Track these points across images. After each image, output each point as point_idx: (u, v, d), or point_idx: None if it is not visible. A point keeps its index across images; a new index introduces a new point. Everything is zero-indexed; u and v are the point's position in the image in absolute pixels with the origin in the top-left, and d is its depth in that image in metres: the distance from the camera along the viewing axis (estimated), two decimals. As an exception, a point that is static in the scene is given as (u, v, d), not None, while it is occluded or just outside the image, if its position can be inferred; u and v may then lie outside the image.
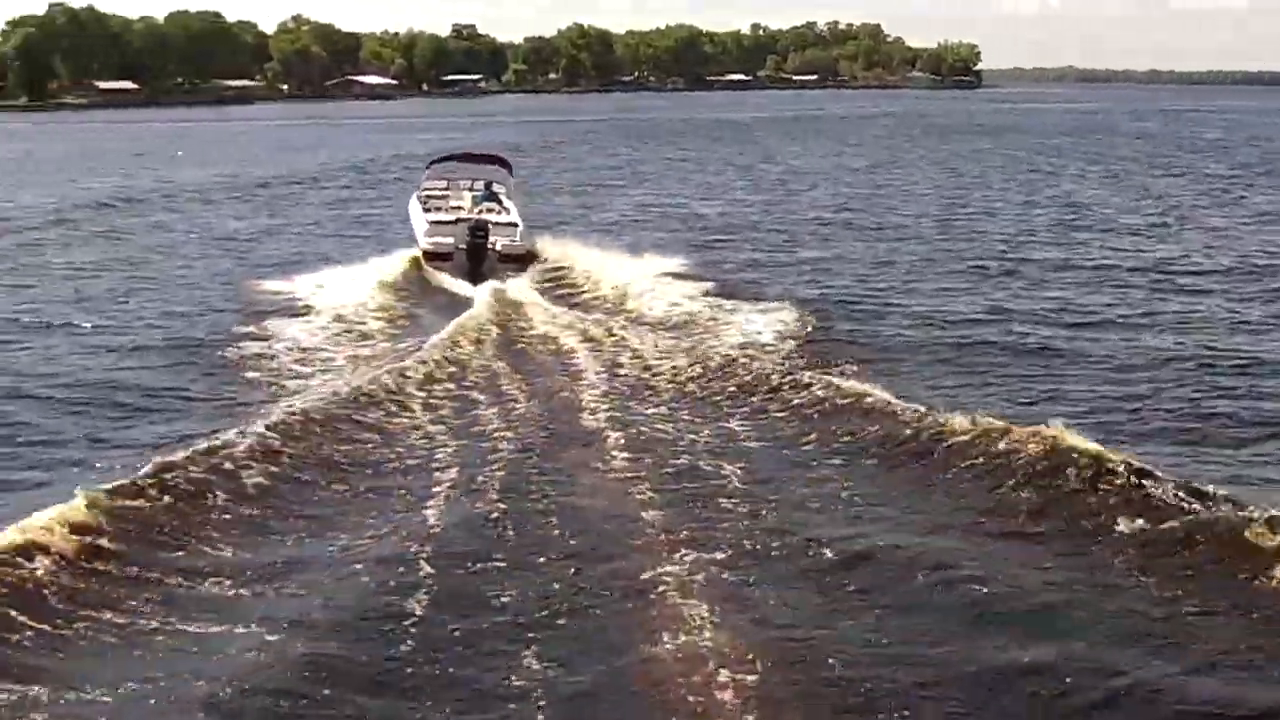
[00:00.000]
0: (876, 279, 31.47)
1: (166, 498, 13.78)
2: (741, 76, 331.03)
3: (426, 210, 35.20)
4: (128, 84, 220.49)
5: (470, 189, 37.24)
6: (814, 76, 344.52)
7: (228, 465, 14.97)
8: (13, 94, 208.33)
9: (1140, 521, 12.98)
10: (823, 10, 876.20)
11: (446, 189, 37.95)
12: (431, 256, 32.14)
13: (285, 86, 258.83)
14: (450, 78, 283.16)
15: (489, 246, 31.39)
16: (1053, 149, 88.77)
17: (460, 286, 29.86)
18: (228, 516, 13.81)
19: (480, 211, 34.27)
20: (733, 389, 19.73)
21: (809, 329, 24.26)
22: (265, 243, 39.75)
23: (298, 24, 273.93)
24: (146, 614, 11.33)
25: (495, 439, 17.23)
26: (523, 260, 32.23)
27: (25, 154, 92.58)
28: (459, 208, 35.42)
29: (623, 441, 16.91)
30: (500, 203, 35.71)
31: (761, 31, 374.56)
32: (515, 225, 33.46)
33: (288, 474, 15.36)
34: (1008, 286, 30.33)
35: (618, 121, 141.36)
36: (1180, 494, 13.33)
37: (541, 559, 12.85)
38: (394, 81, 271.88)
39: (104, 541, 12.43)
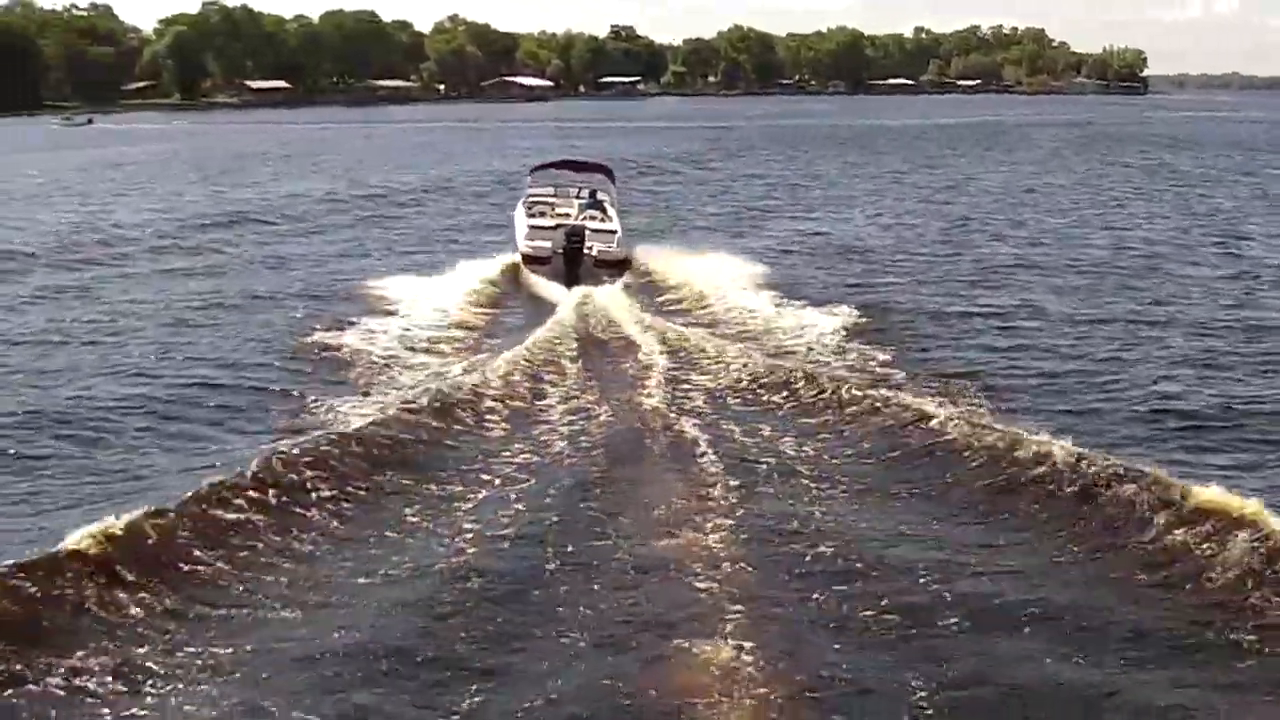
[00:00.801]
0: (1080, 348, 24.91)
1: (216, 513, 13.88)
2: (904, 81, 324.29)
3: (530, 215, 35.72)
4: (280, 83, 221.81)
5: (577, 196, 38.02)
6: (977, 81, 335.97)
7: (291, 476, 15.10)
8: (165, 92, 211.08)
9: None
10: (986, 14, 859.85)
11: (554, 195, 38.58)
12: (529, 260, 32.95)
13: (441, 87, 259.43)
14: (607, 79, 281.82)
15: (585, 252, 31.84)
16: (1242, 166, 79.31)
17: (553, 290, 30.39)
18: (276, 530, 13.93)
19: (583, 218, 35.12)
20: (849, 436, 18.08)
21: (1003, 423, 18.13)
22: (355, 275, 34.53)
23: (454, 24, 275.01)
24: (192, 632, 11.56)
25: (561, 460, 17.11)
26: (618, 267, 32.66)
27: (171, 154, 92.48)
28: (564, 214, 35.97)
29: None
30: (604, 210, 36.40)
31: (924, 35, 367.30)
32: (613, 232, 34.14)
33: (349, 484, 15.45)
34: (1248, 361, 23.79)
35: (778, 128, 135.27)
36: None
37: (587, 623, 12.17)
38: (550, 83, 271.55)
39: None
